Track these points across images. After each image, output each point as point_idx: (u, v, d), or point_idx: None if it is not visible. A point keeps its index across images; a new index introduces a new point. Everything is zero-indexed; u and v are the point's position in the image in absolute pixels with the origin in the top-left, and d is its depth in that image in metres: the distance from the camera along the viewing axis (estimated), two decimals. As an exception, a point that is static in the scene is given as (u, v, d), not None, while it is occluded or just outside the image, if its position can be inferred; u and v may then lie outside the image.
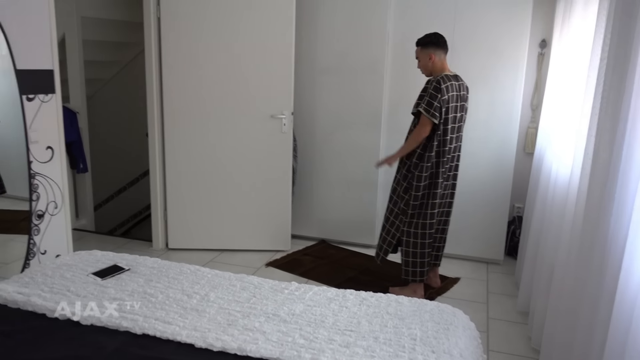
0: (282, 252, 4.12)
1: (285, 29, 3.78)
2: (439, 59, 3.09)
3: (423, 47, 3.12)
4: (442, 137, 3.03)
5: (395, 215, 3.24)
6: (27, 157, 2.84)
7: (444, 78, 2.99)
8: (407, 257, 3.22)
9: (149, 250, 4.09)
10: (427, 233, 3.15)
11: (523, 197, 3.97)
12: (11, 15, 2.69)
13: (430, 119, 2.95)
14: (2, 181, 2.72)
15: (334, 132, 4.19)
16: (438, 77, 3.00)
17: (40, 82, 2.91)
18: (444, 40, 3.11)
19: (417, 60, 3.18)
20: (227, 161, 3.96)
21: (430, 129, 2.99)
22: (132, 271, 2.35)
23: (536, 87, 3.99)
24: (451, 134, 3.05)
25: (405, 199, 3.13)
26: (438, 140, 3.03)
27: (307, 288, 2.23)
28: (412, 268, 3.22)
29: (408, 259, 3.22)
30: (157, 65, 3.85)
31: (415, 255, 3.20)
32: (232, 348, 1.72)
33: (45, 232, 3.01)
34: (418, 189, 3.08)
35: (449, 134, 3.03)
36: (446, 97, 2.96)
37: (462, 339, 1.89)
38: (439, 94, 2.94)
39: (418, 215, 3.14)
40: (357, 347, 1.75)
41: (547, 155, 3.11)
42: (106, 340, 1.77)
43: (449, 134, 3.03)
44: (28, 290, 2.08)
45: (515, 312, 3.24)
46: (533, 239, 3.15)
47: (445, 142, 3.03)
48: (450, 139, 3.06)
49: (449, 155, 3.10)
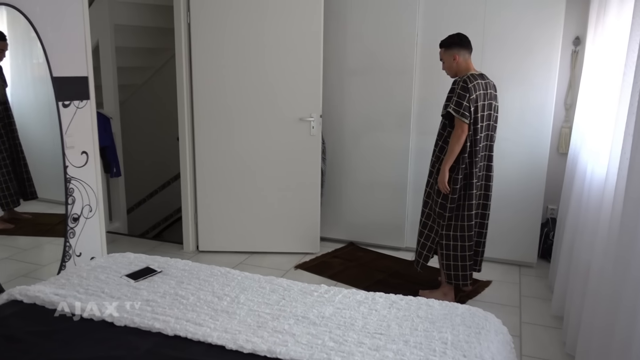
0: (311, 254, 4.12)
1: (314, 31, 3.79)
2: (463, 59, 3.06)
3: (447, 48, 3.09)
4: (473, 137, 2.98)
5: (432, 220, 3.20)
6: (63, 162, 2.92)
7: (470, 77, 2.95)
8: (448, 260, 3.16)
9: (180, 252, 4.16)
10: (466, 235, 3.09)
11: (557, 199, 3.88)
12: (48, 24, 2.77)
13: (461, 119, 2.91)
14: (33, 187, 2.80)
15: (363, 134, 4.18)
16: (464, 76, 2.97)
17: (75, 89, 2.99)
18: (467, 40, 3.07)
19: (442, 62, 3.15)
20: (256, 164, 3.99)
21: (467, 129, 2.95)
22: (164, 273, 2.39)
23: (570, 85, 3.90)
24: (481, 132, 3.00)
25: (441, 202, 3.09)
26: (470, 141, 2.98)
27: (336, 291, 2.23)
28: (453, 272, 3.16)
29: (449, 262, 3.16)
30: (187, 70, 3.91)
31: (455, 258, 3.14)
32: (262, 350, 1.73)
33: (81, 234, 3.08)
34: (454, 192, 3.03)
35: (479, 133, 2.98)
36: (474, 96, 2.92)
37: (494, 343, 1.86)
38: (467, 94, 2.90)
39: (456, 218, 3.10)
40: (387, 351, 1.74)
41: (581, 156, 3.03)
42: (139, 341, 1.81)
43: (479, 133, 2.99)
44: (64, 291, 2.13)
45: (549, 316, 3.16)
46: (567, 242, 3.07)
47: (477, 142, 2.99)
48: (481, 138, 3.01)
49: (481, 154, 3.05)
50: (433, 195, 3.16)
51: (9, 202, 2.68)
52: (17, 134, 2.70)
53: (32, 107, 2.85)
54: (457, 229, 3.10)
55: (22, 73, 2.76)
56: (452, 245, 3.13)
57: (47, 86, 2.81)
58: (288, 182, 4.01)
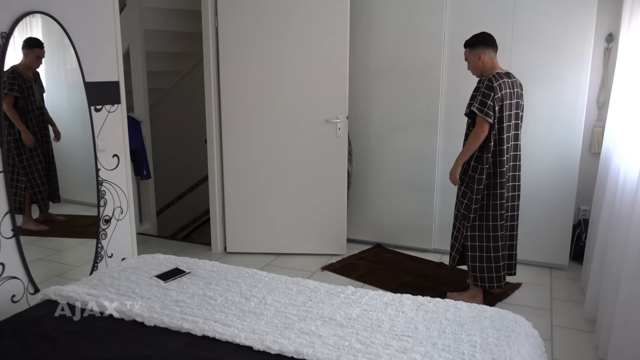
0: (337, 256, 4.12)
1: (340, 34, 3.79)
2: (488, 58, 3.02)
3: (471, 47, 3.06)
4: (497, 137, 2.94)
5: (459, 220, 3.17)
6: (95, 164, 2.99)
7: (495, 76, 2.92)
8: (474, 262, 3.12)
9: (208, 253, 4.21)
10: (491, 236, 3.04)
11: (589, 200, 3.79)
12: (80, 31, 2.84)
13: (484, 118, 2.88)
14: (58, 190, 2.87)
15: (390, 135, 4.16)
16: (489, 75, 2.93)
17: (107, 93, 3.06)
18: (492, 39, 3.03)
19: (467, 62, 3.12)
20: (283, 166, 4.02)
21: (487, 129, 2.91)
22: (193, 274, 2.43)
23: (602, 83, 3.81)
24: (507, 132, 2.96)
25: (465, 203, 3.06)
26: (494, 140, 2.94)
27: (363, 292, 2.23)
28: (479, 273, 3.12)
29: (474, 263, 3.12)
30: (215, 74, 3.96)
31: (482, 259, 3.10)
32: (289, 351, 1.74)
33: (112, 236, 3.15)
34: (478, 192, 3.00)
35: (504, 132, 2.94)
36: (499, 95, 2.88)
37: (524, 346, 1.83)
38: (492, 93, 2.87)
39: (480, 218, 3.06)
40: (415, 353, 1.73)
41: (614, 156, 2.96)
42: (168, 341, 1.84)
43: (505, 133, 2.94)
44: (97, 291, 2.19)
45: (582, 319, 3.09)
46: (600, 244, 3.00)
47: (502, 142, 2.94)
48: (507, 138, 2.96)
49: (508, 154, 3.00)
50: (458, 195, 3.13)
51: (41, 205, 2.76)
52: (50, 138, 2.77)
53: (66, 111, 2.93)
54: (483, 229, 3.06)
55: (57, 79, 2.84)
56: (477, 247, 3.09)
57: (80, 91, 2.88)
58: (315, 184, 4.02)
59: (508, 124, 2.96)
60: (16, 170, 2.54)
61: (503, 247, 3.09)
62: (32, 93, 2.65)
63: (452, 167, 3.07)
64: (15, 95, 2.55)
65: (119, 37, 3.10)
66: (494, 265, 3.09)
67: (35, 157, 2.68)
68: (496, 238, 3.05)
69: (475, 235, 3.08)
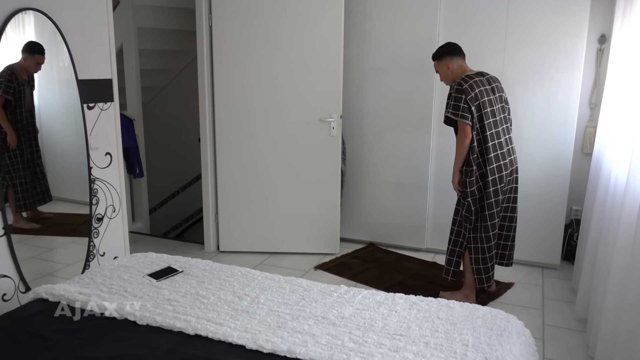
0: (330, 255, 4.12)
1: (334, 32, 3.80)
2: (457, 65, 3.09)
3: (439, 59, 3.14)
4: (481, 135, 2.96)
5: (459, 224, 3.18)
6: (88, 163, 2.98)
7: (464, 78, 2.96)
8: (478, 264, 3.12)
9: (201, 252, 4.20)
10: (486, 236, 3.06)
11: (581, 200, 3.81)
12: (73, 28, 2.83)
13: (462, 121, 2.91)
14: (49, 191, 2.85)
15: (383, 134, 4.17)
16: (458, 80, 2.97)
17: (99, 91, 3.05)
18: (457, 47, 3.11)
19: (437, 73, 3.20)
20: (276, 165, 4.01)
21: (469, 131, 2.93)
22: (185, 273, 2.42)
23: (595, 84, 3.83)
24: (491, 129, 2.96)
25: (466, 205, 3.07)
26: (477, 140, 2.96)
27: (356, 291, 2.23)
28: (477, 275, 3.14)
29: (479, 266, 3.12)
30: (209, 72, 3.95)
31: (477, 261, 3.11)
32: (281, 350, 1.74)
33: (104, 234, 3.14)
34: (473, 194, 3.01)
35: (487, 130, 2.95)
36: (472, 95, 2.91)
37: (516, 345, 1.84)
38: (462, 95, 2.91)
39: (479, 219, 3.08)
40: (407, 352, 1.73)
41: (606, 156, 2.98)
42: (161, 340, 1.83)
43: (488, 130, 2.95)
44: (88, 290, 2.18)
45: (573, 319, 3.11)
46: (592, 244, 3.02)
47: (486, 140, 2.95)
48: (492, 135, 2.97)
49: (496, 152, 2.99)
50: (459, 198, 3.15)
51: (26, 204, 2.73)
52: (37, 140, 2.76)
53: (58, 109, 2.91)
54: (481, 230, 3.07)
55: (49, 76, 2.82)
56: (478, 248, 3.10)
57: (73, 89, 2.86)
58: (308, 183, 4.02)
59: (493, 119, 2.97)
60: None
61: (493, 247, 3.11)
62: (23, 97, 2.64)
63: (453, 176, 3.12)
64: (8, 98, 2.54)
65: (112, 34, 3.08)
66: (489, 264, 3.11)
67: (18, 157, 2.65)
68: (489, 238, 3.07)
69: (476, 236, 3.09)
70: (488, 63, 3.67)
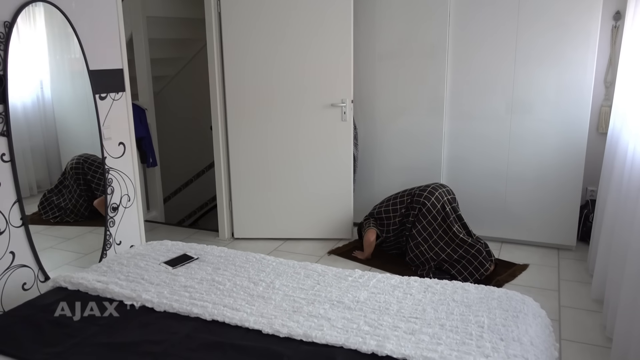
0: (344, 240, 4.13)
1: (344, 17, 3.76)
2: None
3: None
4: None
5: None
6: (102, 153, 3.00)
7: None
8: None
9: (215, 240, 4.23)
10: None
11: (597, 180, 3.77)
12: (83, 19, 2.83)
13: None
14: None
15: (395, 118, 4.14)
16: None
17: (111, 82, 3.06)
18: None
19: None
20: (288, 151, 4.01)
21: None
22: (201, 260, 2.44)
23: (610, 62, 3.76)
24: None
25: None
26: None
27: (370, 275, 2.24)
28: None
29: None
30: (219, 60, 3.95)
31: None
32: (297, 334, 1.76)
33: (120, 223, 3.17)
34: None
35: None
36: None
37: (532, 326, 1.83)
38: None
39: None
40: (423, 335, 1.74)
41: (622, 135, 2.93)
42: (178, 326, 1.86)
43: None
44: (106, 278, 2.21)
45: (589, 299, 3.09)
46: (608, 225, 2.99)
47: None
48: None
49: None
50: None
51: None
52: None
53: (71, 100, 2.93)
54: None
55: (61, 68, 2.84)
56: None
57: (84, 80, 2.88)
58: (320, 169, 4.02)
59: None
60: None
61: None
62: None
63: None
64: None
65: (121, 24, 3.08)
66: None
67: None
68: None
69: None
70: (501, 42, 3.63)
